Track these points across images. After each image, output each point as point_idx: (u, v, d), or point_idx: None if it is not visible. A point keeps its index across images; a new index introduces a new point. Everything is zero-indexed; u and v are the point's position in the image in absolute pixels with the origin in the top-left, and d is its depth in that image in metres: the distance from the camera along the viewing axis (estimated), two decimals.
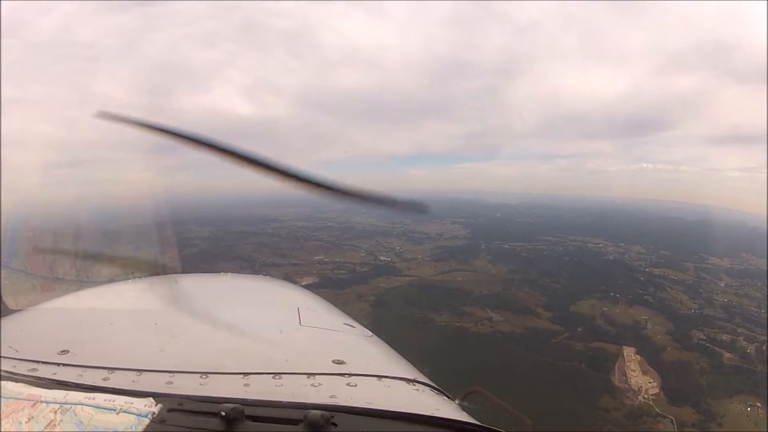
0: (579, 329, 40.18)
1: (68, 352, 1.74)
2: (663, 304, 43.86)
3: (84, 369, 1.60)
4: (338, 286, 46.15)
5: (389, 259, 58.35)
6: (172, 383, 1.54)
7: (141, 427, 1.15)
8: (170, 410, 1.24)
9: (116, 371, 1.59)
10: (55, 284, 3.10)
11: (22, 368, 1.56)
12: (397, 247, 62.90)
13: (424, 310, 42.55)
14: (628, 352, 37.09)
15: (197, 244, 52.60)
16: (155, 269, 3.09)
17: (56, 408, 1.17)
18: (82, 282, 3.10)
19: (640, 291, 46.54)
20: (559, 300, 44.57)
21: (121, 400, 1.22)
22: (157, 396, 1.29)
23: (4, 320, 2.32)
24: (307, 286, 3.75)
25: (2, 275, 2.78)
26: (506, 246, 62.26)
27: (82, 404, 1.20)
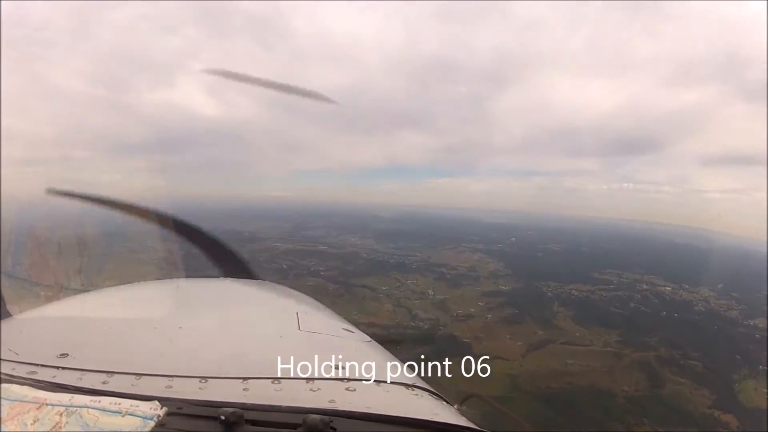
0: None
1: (67, 355, 1.70)
2: None
3: (83, 372, 1.57)
4: None
5: (433, 317, 39.59)
6: (171, 387, 1.51)
7: (146, 429, 1.15)
8: (169, 414, 1.24)
9: (115, 375, 1.57)
10: (56, 288, 3.04)
11: (21, 371, 1.53)
12: (430, 291, 44.74)
13: None
14: None
15: None
16: (156, 273, 3.11)
17: (62, 410, 1.17)
18: (84, 287, 3.07)
19: None
20: (720, 390, 32.27)
21: (126, 403, 1.22)
22: (156, 400, 1.30)
23: (4, 323, 2.24)
24: None
25: (2, 279, 2.71)
26: (574, 293, 46.50)
27: (87, 407, 1.19)
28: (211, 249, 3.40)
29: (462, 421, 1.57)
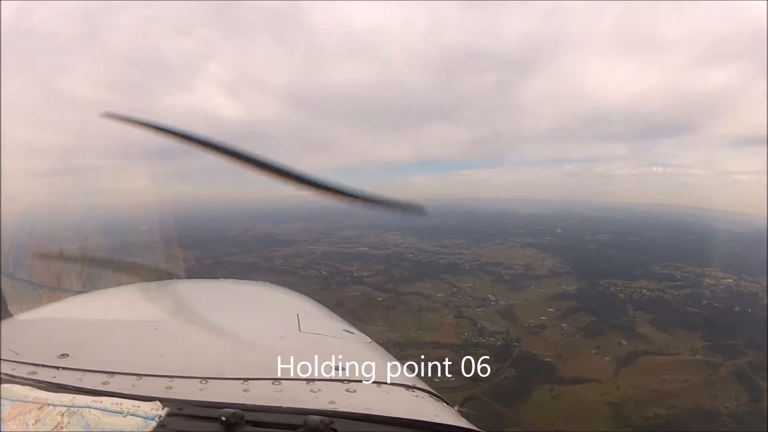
0: None
1: (68, 355, 1.71)
2: None
3: (84, 373, 1.58)
4: None
5: (503, 329, 36.94)
6: (171, 388, 1.52)
7: (148, 429, 1.16)
8: (170, 415, 1.24)
9: (116, 375, 1.58)
10: (57, 290, 3.04)
11: (22, 371, 1.54)
12: (491, 296, 42.05)
13: None
14: None
15: None
16: (157, 275, 3.07)
17: (63, 411, 1.18)
18: (84, 289, 3.07)
19: None
20: None
21: (128, 404, 1.23)
22: (157, 400, 1.31)
23: (4, 323, 2.26)
24: None
25: (3, 279, 2.75)
26: (645, 292, 43.67)
27: (89, 407, 1.20)
28: None
29: (462, 423, 1.57)
